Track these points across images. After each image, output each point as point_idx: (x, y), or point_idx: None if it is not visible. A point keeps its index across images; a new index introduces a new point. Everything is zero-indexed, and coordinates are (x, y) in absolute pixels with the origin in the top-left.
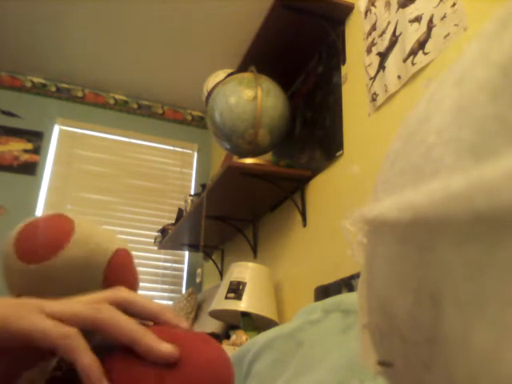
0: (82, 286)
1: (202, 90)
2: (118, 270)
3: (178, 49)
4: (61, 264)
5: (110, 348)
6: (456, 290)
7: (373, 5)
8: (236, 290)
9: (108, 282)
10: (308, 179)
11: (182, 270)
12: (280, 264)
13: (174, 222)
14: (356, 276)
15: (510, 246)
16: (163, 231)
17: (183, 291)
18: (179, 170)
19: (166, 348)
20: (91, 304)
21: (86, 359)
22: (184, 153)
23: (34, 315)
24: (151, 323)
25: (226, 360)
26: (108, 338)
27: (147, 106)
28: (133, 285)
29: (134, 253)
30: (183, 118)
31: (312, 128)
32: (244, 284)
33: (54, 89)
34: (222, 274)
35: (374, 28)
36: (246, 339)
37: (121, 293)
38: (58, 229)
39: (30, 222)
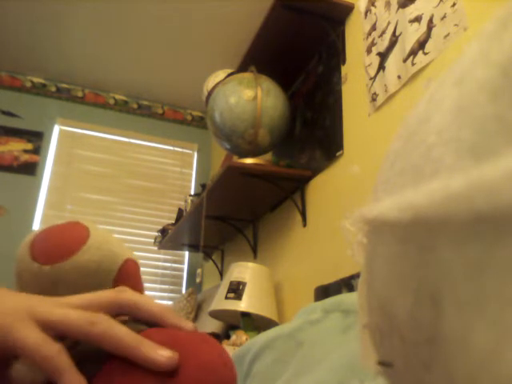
0: (92, 290)
1: (201, 90)
2: (127, 279)
3: (178, 49)
4: (74, 267)
5: (106, 354)
6: (456, 289)
7: (373, 5)
8: (236, 290)
9: (118, 283)
10: (308, 179)
11: (181, 270)
12: (280, 264)
13: (173, 222)
14: (356, 276)
15: (510, 246)
16: (163, 231)
17: (183, 291)
18: (179, 170)
19: (164, 356)
20: (88, 313)
21: (70, 380)
22: (184, 153)
23: (24, 326)
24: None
25: (228, 361)
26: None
27: (147, 106)
28: (140, 293)
29: (134, 253)
30: (183, 118)
31: (312, 128)
32: (244, 284)
33: (53, 89)
34: (221, 274)
35: (373, 28)
36: (246, 339)
37: (125, 294)
38: (74, 234)
39: (46, 228)
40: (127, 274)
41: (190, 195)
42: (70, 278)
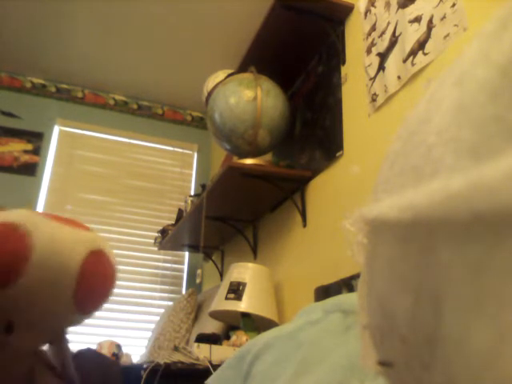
0: (52, 298)
1: (201, 91)
2: (91, 276)
3: (177, 49)
4: (24, 290)
5: None
6: (455, 290)
7: (373, 5)
8: (236, 290)
9: (81, 288)
10: (308, 179)
11: (182, 270)
12: (280, 264)
13: (173, 222)
14: (356, 276)
15: (509, 248)
16: (163, 232)
17: (183, 292)
18: (179, 170)
19: None
20: None
21: None
22: (184, 153)
23: None
24: None
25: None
26: None
27: (147, 106)
28: (109, 285)
29: (133, 253)
30: (183, 118)
31: (312, 128)
32: (244, 284)
33: (53, 89)
34: (222, 274)
35: (373, 28)
36: (246, 340)
37: None
38: (14, 247)
39: None
40: (90, 272)
41: (190, 196)
42: (24, 301)
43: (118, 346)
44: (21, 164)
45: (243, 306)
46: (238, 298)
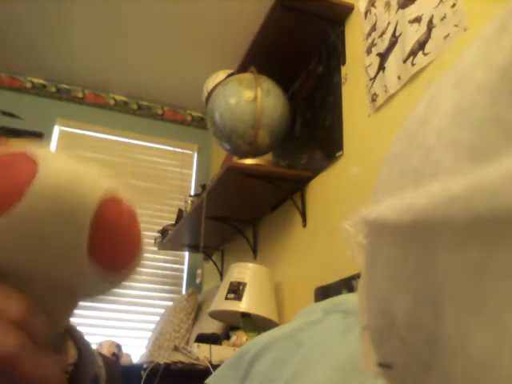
0: (61, 239)
1: (201, 91)
2: (110, 221)
3: (177, 49)
4: (11, 225)
5: None
6: (455, 292)
7: (373, 5)
8: (236, 290)
9: (98, 232)
10: (308, 180)
11: (182, 270)
12: (280, 264)
13: (174, 222)
14: (356, 276)
15: (509, 249)
16: (163, 232)
17: (183, 292)
18: (179, 170)
19: None
20: None
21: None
22: (184, 153)
23: None
24: None
25: None
26: None
27: (147, 106)
28: (133, 243)
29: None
30: (183, 118)
31: (312, 128)
32: (244, 284)
33: (53, 89)
34: (222, 274)
35: (373, 28)
36: (246, 340)
37: None
38: (13, 173)
39: None
40: (105, 226)
41: (190, 196)
42: (6, 240)
43: (118, 346)
44: None
45: (243, 306)
46: (238, 298)
